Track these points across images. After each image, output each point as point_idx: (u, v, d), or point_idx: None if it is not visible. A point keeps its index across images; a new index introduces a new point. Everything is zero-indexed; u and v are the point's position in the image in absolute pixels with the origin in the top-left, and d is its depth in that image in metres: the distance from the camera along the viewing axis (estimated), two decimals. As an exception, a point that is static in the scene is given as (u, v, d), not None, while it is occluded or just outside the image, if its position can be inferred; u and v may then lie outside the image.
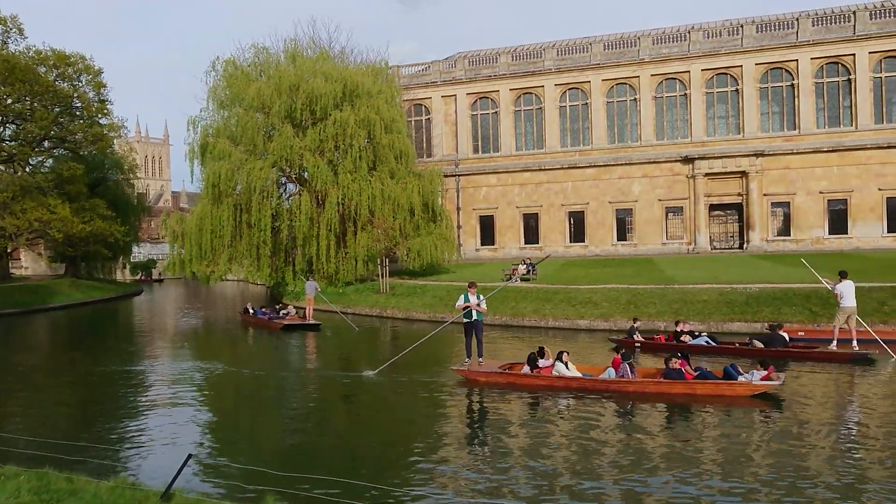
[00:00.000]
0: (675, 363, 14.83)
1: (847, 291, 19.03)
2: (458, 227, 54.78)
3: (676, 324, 21.03)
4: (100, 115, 50.89)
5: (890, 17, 47.71)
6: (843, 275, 19.40)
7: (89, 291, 50.05)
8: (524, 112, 55.48)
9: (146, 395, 16.22)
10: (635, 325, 21.53)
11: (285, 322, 28.63)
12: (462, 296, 18.03)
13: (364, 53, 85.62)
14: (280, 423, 13.38)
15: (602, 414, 13.38)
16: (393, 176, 40.49)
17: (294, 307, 32.55)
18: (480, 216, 55.95)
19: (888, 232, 47.14)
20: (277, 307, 32.36)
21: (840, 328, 19.14)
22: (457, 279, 35.90)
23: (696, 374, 14.79)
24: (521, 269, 34.98)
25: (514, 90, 55.29)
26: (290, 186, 44.63)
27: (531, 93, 55.08)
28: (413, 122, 56.23)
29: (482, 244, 55.81)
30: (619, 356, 15.72)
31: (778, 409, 13.33)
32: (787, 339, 19.14)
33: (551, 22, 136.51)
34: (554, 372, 15.72)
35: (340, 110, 39.82)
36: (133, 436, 12.42)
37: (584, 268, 39.04)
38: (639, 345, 20.44)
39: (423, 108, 57.53)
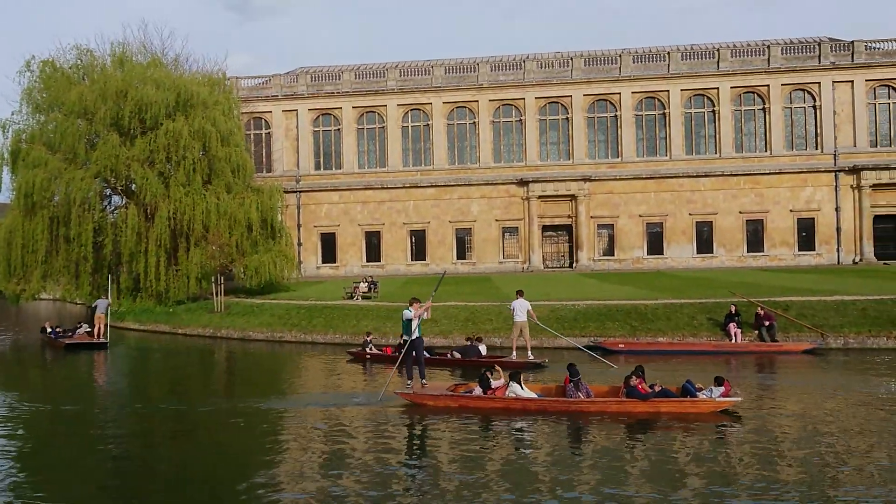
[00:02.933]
0: (635, 381, 14.50)
1: (519, 308, 21.40)
2: (299, 244, 53.77)
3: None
4: None
5: (698, 58, 52.87)
6: (519, 293, 21.97)
7: None
8: (367, 130, 55.66)
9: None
10: (368, 339, 23.35)
11: (67, 341, 27.76)
12: (405, 311, 16.79)
13: (200, 62, 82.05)
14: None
15: (575, 437, 13.18)
16: (230, 190, 39.04)
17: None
18: (322, 233, 55.26)
19: (697, 253, 51.89)
20: (75, 326, 30.61)
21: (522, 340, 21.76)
22: (297, 297, 35.14)
23: (650, 391, 14.46)
24: (363, 286, 34.86)
25: (358, 108, 55.36)
26: (116, 199, 41.78)
27: (374, 111, 55.40)
28: (252, 136, 54.65)
29: (324, 262, 55.10)
30: (567, 374, 15.24)
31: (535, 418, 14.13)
32: (482, 350, 21.41)
33: (393, 43, 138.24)
34: (509, 393, 14.94)
35: (173, 120, 37.92)
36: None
37: (425, 286, 39.52)
38: (369, 356, 22.44)
39: (263, 121, 56.11)
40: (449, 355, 21.86)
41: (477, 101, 54.03)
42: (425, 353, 20.90)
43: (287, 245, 41.40)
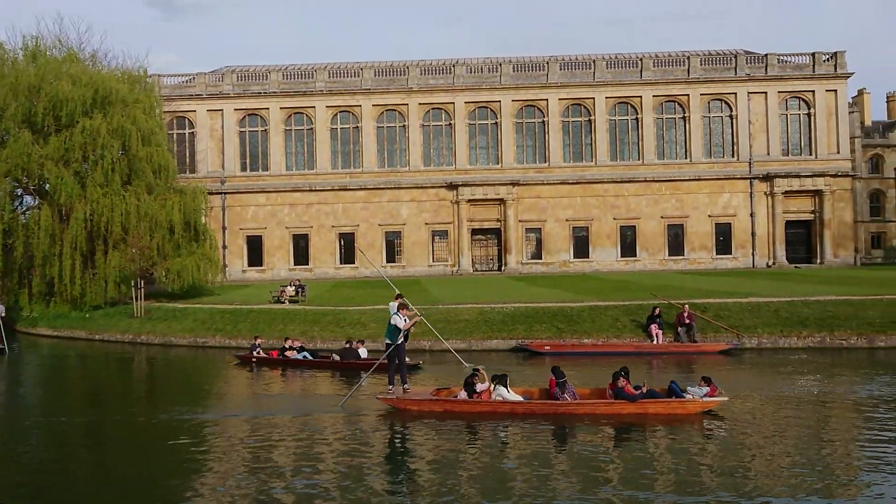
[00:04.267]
0: (622, 382, 14.45)
1: (392, 311, 21.57)
2: (224, 247, 52.49)
3: (285, 340, 23.69)
4: None
5: (622, 67, 54.34)
6: (398, 297, 22.14)
7: None
8: (295, 131, 54.87)
9: None
10: (257, 343, 23.77)
11: None
12: (395, 317, 16.08)
13: (120, 59, 79.34)
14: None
15: (572, 441, 12.95)
16: (151, 191, 37.77)
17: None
18: (248, 236, 54.12)
19: (621, 256, 53.25)
20: None
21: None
22: (221, 301, 34.29)
23: (636, 392, 14.41)
24: (290, 290, 34.30)
25: (285, 109, 54.50)
26: (28, 199, 39.91)
27: (302, 112, 54.67)
28: (175, 136, 53.04)
29: (250, 265, 53.97)
30: (553, 376, 14.93)
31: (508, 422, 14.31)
32: (362, 353, 21.97)
33: (321, 43, 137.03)
34: (496, 396, 14.67)
35: (91, 118, 36.47)
36: None
37: (354, 289, 39.30)
38: (255, 359, 22.78)
39: (187, 121, 54.58)
40: (331, 358, 22.29)
41: (407, 104, 54.01)
42: (308, 355, 22.12)
43: (211, 248, 40.33)
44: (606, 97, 53.56)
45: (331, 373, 21.09)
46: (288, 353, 22.55)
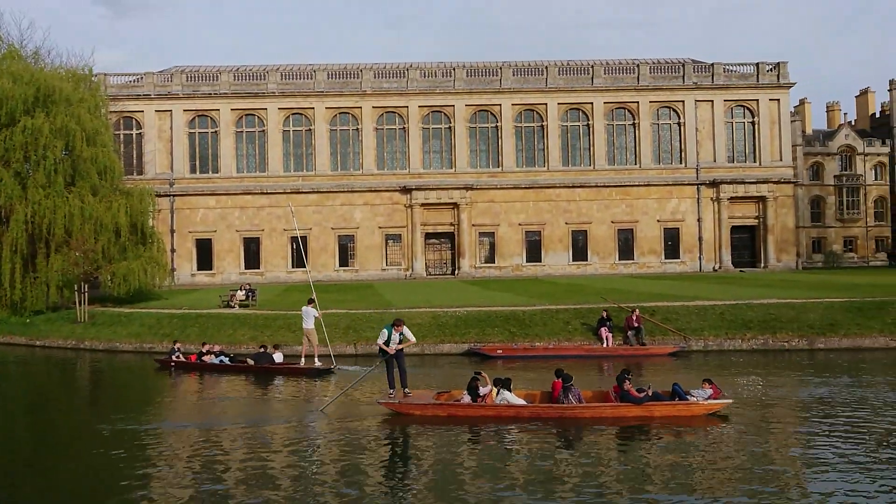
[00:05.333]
0: (628, 385, 14.44)
1: (306, 316, 22.27)
2: (173, 250, 51.46)
3: (203, 345, 23.87)
4: None
5: (573, 74, 55.10)
6: (310, 301, 22.71)
7: None
8: (246, 133, 54.12)
9: None
10: (176, 347, 24.02)
11: None
12: (385, 330, 15.92)
13: (64, 57, 77.34)
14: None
15: (572, 444, 12.85)
16: (96, 193, 36.77)
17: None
18: (197, 239, 53.13)
19: (573, 260, 53.92)
20: None
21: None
22: (169, 306, 33.57)
23: (640, 395, 14.44)
24: (240, 294, 33.79)
25: (236, 110, 53.74)
26: (-35, 200, 38.40)
27: (254, 114, 53.97)
28: (122, 136, 51.92)
29: (199, 269, 52.98)
30: (560, 379, 14.77)
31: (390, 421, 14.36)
32: (276, 358, 22.13)
33: (272, 45, 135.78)
34: (501, 400, 14.52)
35: (32, 116, 35.37)
36: None
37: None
38: (173, 364, 23.01)
39: (135, 121, 53.36)
40: (246, 362, 22.51)
41: (360, 107, 53.78)
42: (225, 358, 22.30)
43: (159, 251, 39.43)
44: (559, 103, 54.23)
45: (245, 377, 21.18)
46: (206, 358, 22.89)
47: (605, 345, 24.72)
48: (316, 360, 22.00)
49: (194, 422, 15.24)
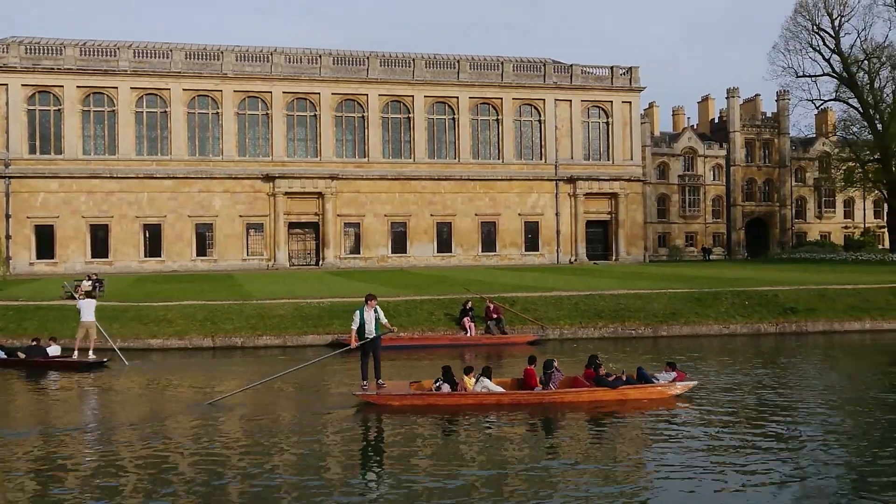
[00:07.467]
0: (602, 370, 15.11)
1: (85, 308, 21.99)
2: (8, 237, 47.33)
3: (45, 340, 22.36)
4: None
5: (440, 67, 55.74)
6: (87, 294, 22.81)
7: None
8: (94, 113, 50.55)
9: None
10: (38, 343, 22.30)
11: None
12: (357, 312, 15.32)
13: None
14: None
15: (554, 429, 13.19)
16: (-85, 172, 33.12)
17: None
18: (37, 226, 49.09)
19: (438, 252, 54.69)
20: None
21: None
22: (4, 297, 30.77)
23: (612, 379, 15.09)
24: (86, 284, 31.53)
25: (83, 88, 50.03)
26: None
27: (103, 93, 50.48)
28: (-52, 111, 47.00)
29: (39, 257, 49.02)
30: (532, 367, 15.24)
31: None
32: (51, 352, 21.49)
33: (125, 20, 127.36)
34: (480, 388, 14.60)
35: None
36: None
37: (159, 283, 36.97)
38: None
39: (-37, 94, 48.45)
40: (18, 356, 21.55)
41: (221, 90, 51.71)
42: (2, 353, 21.20)
43: (-8, 238, 36.14)
44: (425, 96, 54.68)
45: (17, 371, 20.21)
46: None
47: (468, 334, 25.25)
48: (91, 353, 21.32)
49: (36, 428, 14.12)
